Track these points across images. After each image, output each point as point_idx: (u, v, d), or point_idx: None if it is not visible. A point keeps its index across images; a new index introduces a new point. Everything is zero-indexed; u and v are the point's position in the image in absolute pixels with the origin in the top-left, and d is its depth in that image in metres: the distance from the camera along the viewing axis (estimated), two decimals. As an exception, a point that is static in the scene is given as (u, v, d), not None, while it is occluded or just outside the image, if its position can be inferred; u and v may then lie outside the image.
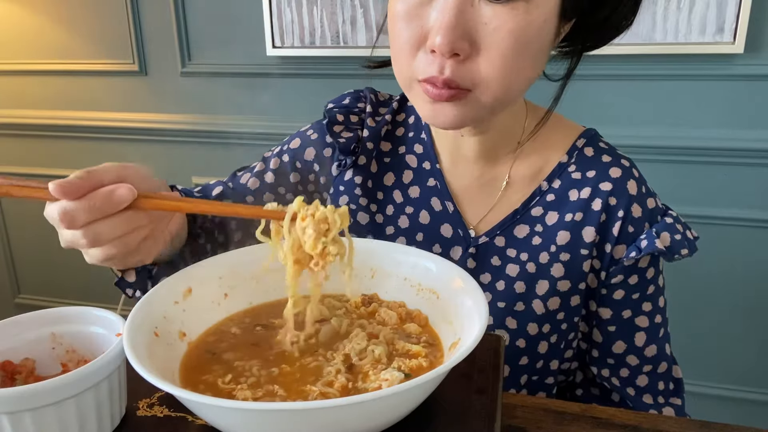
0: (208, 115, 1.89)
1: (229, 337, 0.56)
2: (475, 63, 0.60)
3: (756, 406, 1.70)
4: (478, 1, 0.58)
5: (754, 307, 1.63)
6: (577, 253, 0.71)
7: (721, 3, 1.41)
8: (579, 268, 0.72)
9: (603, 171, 0.72)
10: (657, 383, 0.76)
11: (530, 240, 0.73)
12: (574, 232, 0.71)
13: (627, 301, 0.73)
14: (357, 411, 0.41)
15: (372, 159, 0.80)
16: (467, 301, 0.52)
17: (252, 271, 0.62)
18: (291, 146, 0.82)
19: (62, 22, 1.92)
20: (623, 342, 0.74)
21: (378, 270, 0.63)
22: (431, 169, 0.78)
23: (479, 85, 0.61)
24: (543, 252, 0.72)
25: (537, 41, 0.61)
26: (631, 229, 0.70)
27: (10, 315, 0.53)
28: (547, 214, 0.73)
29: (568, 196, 0.72)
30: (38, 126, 2.05)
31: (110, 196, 0.53)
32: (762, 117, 1.50)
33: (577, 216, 0.71)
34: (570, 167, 0.74)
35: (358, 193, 0.79)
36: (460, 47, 0.58)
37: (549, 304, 0.72)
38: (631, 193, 0.71)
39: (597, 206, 0.71)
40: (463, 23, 0.58)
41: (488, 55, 0.59)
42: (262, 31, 1.74)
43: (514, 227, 0.73)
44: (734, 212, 1.57)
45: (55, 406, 0.44)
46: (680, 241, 0.69)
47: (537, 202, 0.73)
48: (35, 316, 0.54)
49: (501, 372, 0.55)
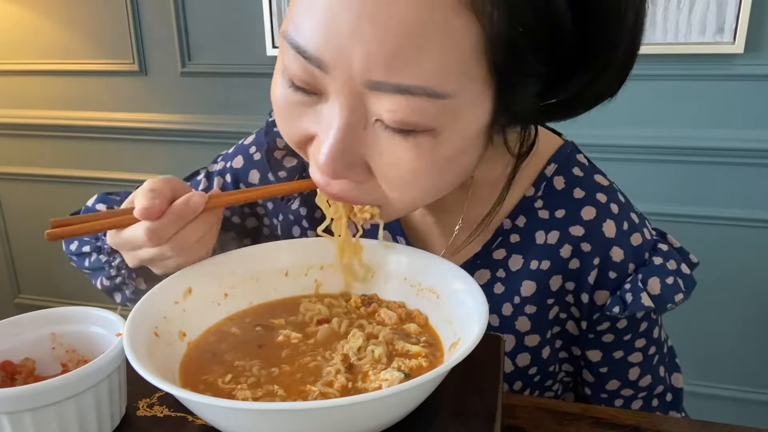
0: (208, 115, 1.89)
1: (229, 337, 0.56)
2: (372, 184, 0.50)
3: (756, 406, 1.70)
4: (372, 124, 0.47)
5: (754, 307, 1.63)
6: (544, 304, 0.64)
7: (721, 3, 1.41)
8: (545, 319, 0.64)
9: (574, 212, 0.62)
10: (651, 401, 0.71)
11: (492, 288, 0.64)
12: (540, 282, 0.63)
13: (618, 344, 0.66)
14: (357, 411, 0.41)
15: None
16: (467, 301, 0.52)
17: (252, 271, 0.62)
18: (234, 164, 0.75)
19: (62, 22, 1.92)
20: (617, 380, 0.68)
21: (378, 270, 0.62)
22: None
23: (382, 200, 0.52)
24: (506, 303, 0.64)
25: (454, 164, 0.50)
26: (613, 275, 0.62)
27: (10, 315, 0.53)
28: (511, 257, 0.64)
29: (534, 239, 0.63)
30: (38, 126, 2.05)
31: (188, 205, 0.54)
32: (762, 117, 1.50)
33: (543, 264, 0.63)
34: (537, 202, 0.63)
35: (306, 226, 0.73)
36: (350, 174, 0.49)
37: (518, 361, 0.65)
38: (608, 236, 0.62)
39: (566, 253, 0.62)
40: (352, 149, 0.47)
41: (387, 183, 0.49)
42: (262, 31, 1.74)
43: (474, 273, 0.65)
44: (734, 212, 1.57)
45: (55, 406, 0.44)
46: (672, 285, 0.61)
47: (500, 244, 0.64)
48: (35, 316, 0.54)
49: (501, 372, 0.54)
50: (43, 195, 2.14)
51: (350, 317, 0.58)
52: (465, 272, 0.56)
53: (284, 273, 0.63)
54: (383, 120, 0.46)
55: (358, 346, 0.52)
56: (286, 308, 0.61)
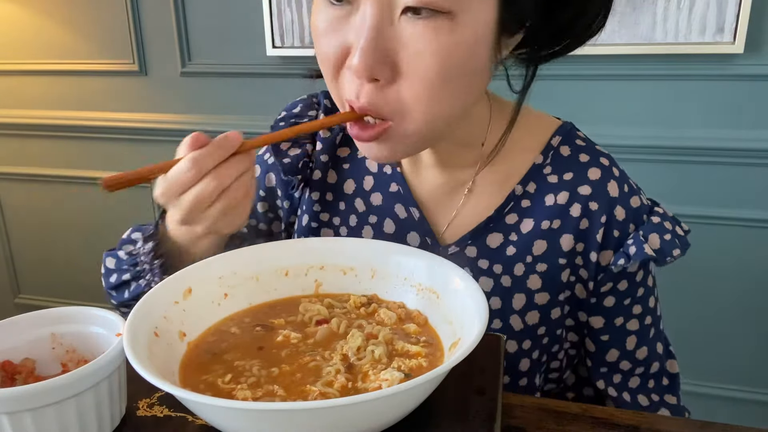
0: (208, 115, 1.89)
1: (229, 337, 0.56)
2: (396, 89, 0.55)
3: (756, 406, 1.70)
4: (398, 19, 0.53)
5: (754, 307, 1.63)
6: (555, 263, 0.67)
7: (721, 3, 1.41)
8: (558, 279, 0.67)
9: (581, 173, 0.67)
10: (648, 381, 0.73)
11: (504, 250, 0.68)
12: (550, 241, 0.67)
13: (618, 308, 0.69)
14: (357, 411, 0.41)
15: (329, 170, 0.75)
16: (467, 301, 0.52)
17: (252, 271, 0.62)
18: None
19: (62, 22, 1.92)
20: (616, 350, 0.71)
21: (378, 270, 0.63)
22: (392, 173, 0.73)
23: (400, 113, 0.56)
24: (518, 263, 0.67)
25: (467, 64, 0.55)
26: (616, 233, 0.66)
27: (10, 315, 0.53)
28: (522, 221, 0.68)
29: (544, 201, 0.68)
30: (38, 126, 2.05)
31: (226, 138, 0.56)
32: (762, 117, 1.50)
33: (555, 223, 0.67)
34: (545, 169, 0.68)
35: (318, 210, 0.75)
36: (380, 72, 0.54)
37: (527, 319, 0.67)
38: (613, 195, 0.66)
39: (576, 212, 0.67)
40: (382, 45, 0.53)
41: (410, 82, 0.54)
42: (262, 31, 1.74)
43: (487, 236, 0.68)
44: (734, 212, 1.57)
45: (55, 406, 0.44)
46: (670, 241, 0.65)
47: (511, 209, 0.68)
48: (35, 316, 0.54)
49: (501, 372, 0.55)
50: (43, 195, 2.15)
51: (349, 317, 0.58)
52: (465, 272, 0.56)
53: (284, 273, 0.63)
54: (407, 4, 0.52)
55: (357, 346, 0.53)
56: (285, 308, 0.61)
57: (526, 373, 0.70)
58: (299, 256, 0.64)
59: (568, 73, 1.57)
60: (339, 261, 0.64)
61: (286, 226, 0.80)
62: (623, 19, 1.47)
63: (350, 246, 0.65)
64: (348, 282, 0.63)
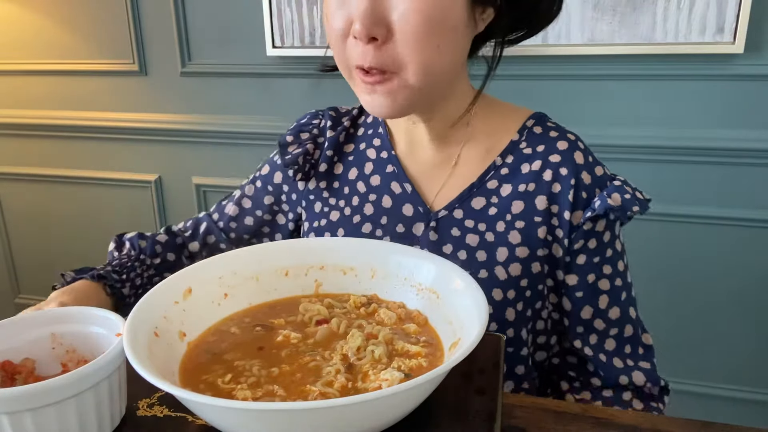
0: (208, 115, 1.89)
1: (229, 337, 0.56)
2: (393, 47, 0.66)
3: (756, 406, 1.70)
4: None
5: (754, 307, 1.63)
6: (531, 221, 0.76)
7: (721, 3, 1.42)
8: (534, 235, 0.76)
9: (551, 145, 0.78)
10: (624, 346, 0.79)
11: (486, 211, 0.78)
12: (527, 201, 0.76)
13: (589, 266, 0.77)
14: (357, 411, 0.41)
15: (335, 163, 0.88)
16: (467, 301, 0.52)
17: (252, 271, 0.62)
18: (262, 172, 0.93)
19: (62, 22, 1.92)
20: (590, 306, 0.77)
21: (378, 270, 0.63)
22: (388, 157, 0.84)
23: (399, 65, 0.67)
24: (499, 221, 0.77)
25: (446, 20, 0.66)
26: (584, 195, 0.75)
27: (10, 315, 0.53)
28: (502, 186, 0.78)
29: (520, 170, 0.78)
30: (38, 126, 2.05)
31: None
32: (762, 117, 1.50)
33: (530, 186, 0.77)
34: (521, 144, 0.79)
35: (326, 196, 0.87)
36: (377, 32, 0.65)
37: (510, 270, 0.75)
38: (579, 162, 0.76)
39: (548, 176, 0.76)
40: (378, 10, 0.65)
41: (403, 38, 0.65)
42: (262, 31, 1.74)
43: (471, 200, 0.78)
44: (734, 212, 1.57)
45: (55, 406, 0.44)
46: (630, 199, 0.74)
47: (492, 176, 0.79)
48: (35, 316, 0.54)
49: (501, 372, 0.55)
50: (43, 195, 2.15)
51: (349, 317, 0.58)
52: (465, 272, 0.56)
53: (284, 273, 0.63)
54: None
55: (357, 346, 0.53)
56: (285, 308, 0.61)
57: (512, 324, 0.76)
58: (299, 256, 0.64)
59: (569, 73, 1.57)
60: (339, 261, 0.64)
61: (295, 217, 0.91)
62: (623, 19, 1.48)
63: (350, 246, 0.65)
64: (348, 282, 0.64)
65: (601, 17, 1.49)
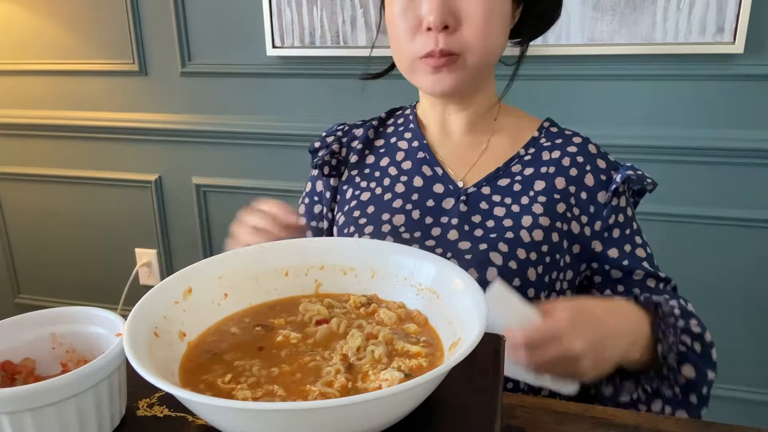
0: (208, 115, 1.89)
1: (229, 337, 0.56)
2: (461, 32, 0.78)
3: (756, 406, 1.70)
4: None
5: (754, 307, 1.63)
6: (552, 197, 0.85)
7: (721, 3, 1.42)
8: (554, 210, 0.84)
9: (567, 139, 0.89)
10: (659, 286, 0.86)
11: (512, 188, 0.87)
12: (547, 181, 0.86)
13: (623, 237, 0.86)
14: (357, 411, 0.41)
15: (365, 156, 0.96)
16: (467, 301, 0.52)
17: (252, 271, 0.62)
18: (306, 190, 1.02)
19: (62, 22, 1.92)
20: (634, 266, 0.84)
21: (378, 270, 0.63)
22: (419, 145, 0.93)
23: (466, 49, 0.78)
24: (523, 196, 0.86)
25: (500, 10, 0.79)
26: (603, 177, 0.86)
27: (10, 315, 0.53)
28: (525, 169, 0.88)
29: (541, 156, 0.88)
30: (38, 126, 2.05)
31: None
32: (762, 117, 1.50)
33: (550, 169, 0.87)
34: (541, 139, 0.90)
35: (358, 181, 0.95)
36: (449, 21, 0.77)
37: (534, 234, 0.82)
38: (593, 152, 0.88)
39: (566, 162, 0.87)
40: (448, 2, 0.77)
41: (469, 24, 0.78)
42: (262, 31, 1.74)
43: (498, 180, 0.88)
44: (734, 212, 1.57)
45: (55, 406, 0.44)
46: (642, 175, 0.85)
47: (516, 162, 0.89)
48: (35, 316, 0.54)
49: (501, 372, 0.55)
50: (43, 195, 2.15)
51: (349, 317, 0.58)
52: (465, 272, 0.56)
53: (284, 273, 0.63)
54: None
55: (357, 346, 0.53)
56: (285, 308, 0.61)
57: (533, 283, 0.81)
58: (299, 256, 0.64)
59: (569, 73, 1.57)
60: (339, 261, 0.64)
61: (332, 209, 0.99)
62: (623, 19, 1.48)
63: (350, 246, 0.65)
64: (348, 282, 0.64)
65: (601, 17, 1.49)
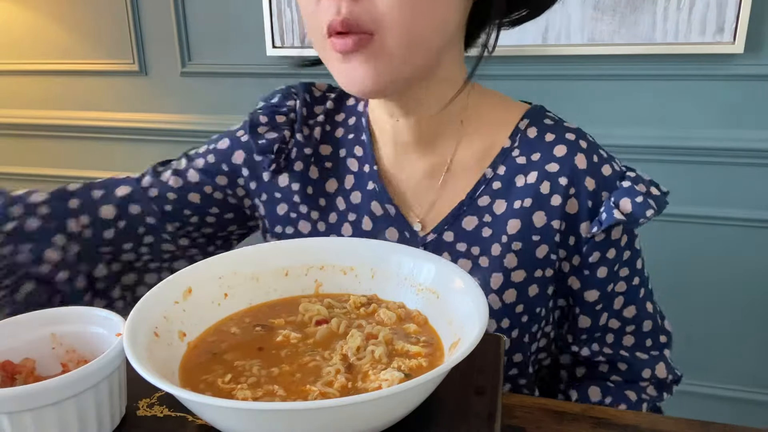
0: (208, 115, 1.89)
1: (229, 337, 0.56)
2: (370, 2, 0.58)
3: (756, 406, 1.70)
4: None
5: (754, 307, 1.63)
6: (529, 240, 0.69)
7: (721, 3, 1.42)
8: (532, 256, 0.69)
9: (547, 151, 0.70)
10: (645, 340, 0.75)
11: (480, 232, 0.70)
12: (524, 219, 0.69)
13: (611, 276, 0.71)
14: (357, 411, 0.41)
15: (310, 165, 0.77)
16: (467, 301, 0.52)
17: (252, 271, 0.62)
18: (219, 146, 0.80)
19: (62, 22, 1.92)
20: (607, 313, 0.73)
21: (378, 270, 0.63)
22: (370, 171, 0.75)
23: (380, 25, 0.59)
24: (494, 244, 0.70)
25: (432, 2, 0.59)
26: (590, 204, 0.68)
27: (10, 315, 0.53)
28: (495, 202, 0.70)
29: (514, 183, 0.70)
30: (38, 126, 2.05)
31: None
32: (762, 117, 1.50)
33: (526, 202, 0.69)
34: (514, 152, 0.71)
35: (297, 201, 0.77)
36: None
37: (505, 297, 0.69)
38: (581, 167, 0.68)
39: (546, 189, 0.69)
40: None
41: None
42: (262, 31, 1.74)
43: (462, 219, 0.71)
44: (734, 212, 1.57)
45: (55, 406, 0.44)
46: (642, 203, 0.66)
47: (483, 191, 0.71)
48: (35, 316, 0.54)
49: (501, 372, 0.55)
50: (43, 195, 2.14)
51: (349, 317, 0.58)
52: (465, 272, 0.56)
53: (284, 273, 0.63)
54: None
55: (356, 346, 0.53)
56: (285, 308, 0.61)
57: (507, 352, 0.70)
58: (299, 256, 0.64)
59: (568, 73, 1.57)
60: (339, 261, 0.64)
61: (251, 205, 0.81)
62: (623, 19, 1.48)
63: (350, 246, 0.65)
64: (348, 282, 0.63)
65: (601, 17, 1.49)
